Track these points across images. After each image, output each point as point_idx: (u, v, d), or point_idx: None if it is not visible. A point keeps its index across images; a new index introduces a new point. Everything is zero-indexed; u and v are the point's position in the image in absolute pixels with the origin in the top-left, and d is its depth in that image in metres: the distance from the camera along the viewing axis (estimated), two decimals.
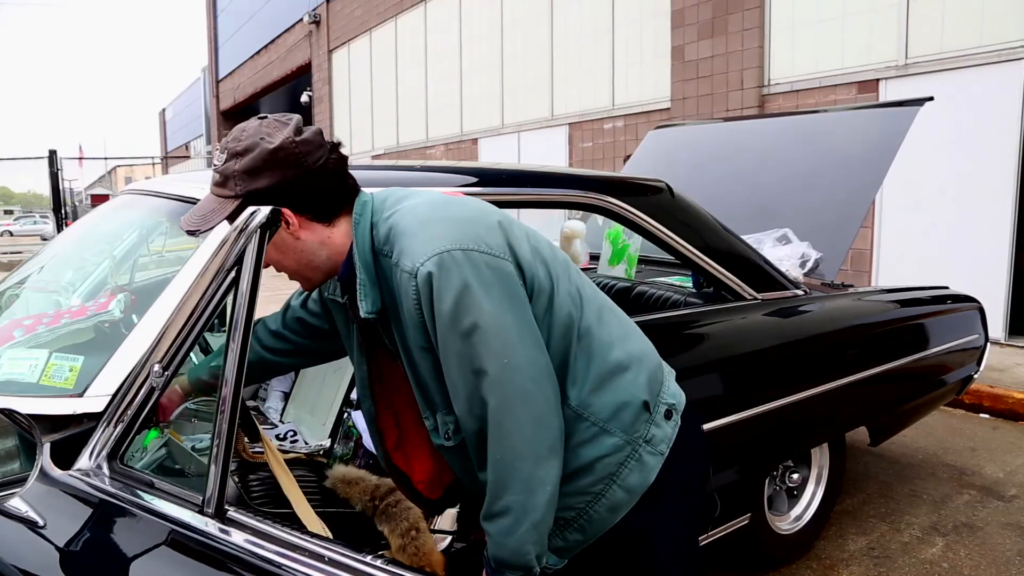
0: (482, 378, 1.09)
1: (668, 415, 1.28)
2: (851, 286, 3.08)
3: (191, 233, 1.17)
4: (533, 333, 1.13)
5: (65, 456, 1.31)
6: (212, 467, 1.23)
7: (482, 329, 1.08)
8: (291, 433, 2.49)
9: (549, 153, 10.26)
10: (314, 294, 1.49)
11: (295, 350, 1.56)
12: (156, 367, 1.36)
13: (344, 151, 1.21)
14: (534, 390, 1.11)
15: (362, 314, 1.18)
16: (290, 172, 1.13)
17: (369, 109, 15.94)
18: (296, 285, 1.36)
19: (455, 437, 1.21)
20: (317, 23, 17.29)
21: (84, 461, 1.31)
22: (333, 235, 1.20)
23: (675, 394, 1.33)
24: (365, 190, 1.25)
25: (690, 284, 2.81)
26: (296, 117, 1.18)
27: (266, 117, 1.18)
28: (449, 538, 1.89)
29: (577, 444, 1.19)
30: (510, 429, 1.10)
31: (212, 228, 1.16)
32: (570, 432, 1.19)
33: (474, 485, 1.26)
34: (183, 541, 1.18)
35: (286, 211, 1.15)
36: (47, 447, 1.30)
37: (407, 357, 1.20)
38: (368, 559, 1.16)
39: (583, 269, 3.39)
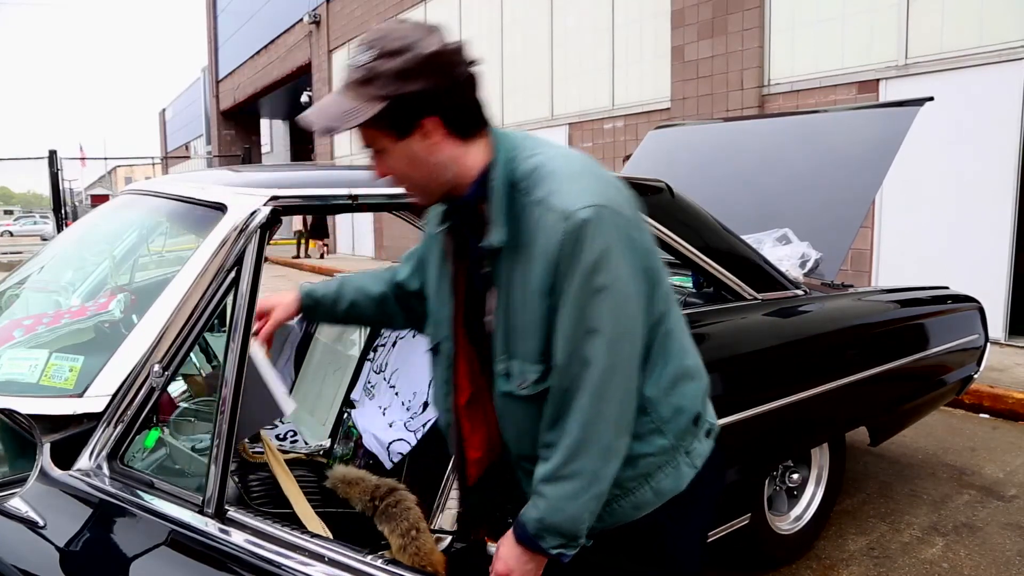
0: (593, 337, 1.08)
1: (708, 433, 1.32)
2: (851, 286, 3.08)
3: (327, 132, 1.09)
4: (645, 312, 1.15)
5: (65, 456, 1.31)
6: (212, 467, 1.23)
7: (611, 291, 1.08)
8: (291, 433, 2.49)
9: None
10: (408, 266, 1.46)
11: (384, 309, 1.50)
12: (156, 367, 1.37)
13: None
14: (634, 365, 1.13)
15: (490, 242, 1.14)
16: (442, 80, 1.08)
17: None
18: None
19: (531, 387, 1.16)
20: (317, 23, 17.29)
21: (84, 461, 1.31)
22: (466, 155, 1.15)
23: (714, 416, 1.36)
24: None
25: (690, 284, 2.81)
26: (440, 26, 1.13)
27: (407, 21, 1.11)
28: (449, 538, 1.89)
29: (632, 436, 1.19)
30: (607, 395, 1.10)
31: (350, 129, 1.08)
32: None
33: (521, 446, 1.23)
34: (183, 541, 1.18)
35: (429, 121, 1.09)
36: (47, 447, 1.30)
37: (509, 297, 1.16)
38: (368, 559, 1.16)
39: None
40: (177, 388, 2.24)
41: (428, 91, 1.06)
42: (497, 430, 1.29)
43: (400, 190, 1.21)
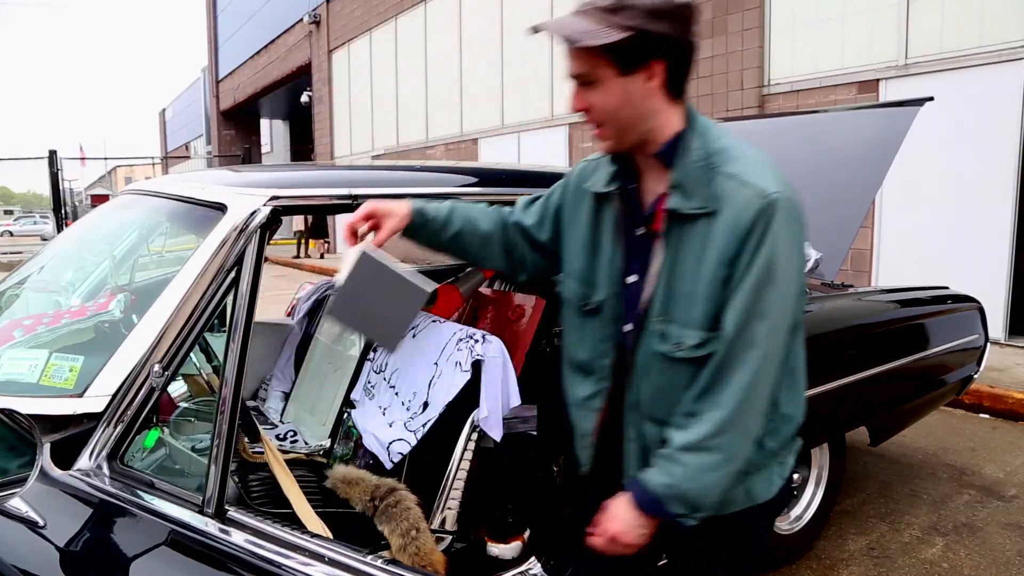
0: (761, 321, 1.12)
1: (796, 450, 1.33)
2: (851, 286, 3.08)
3: (567, 42, 1.10)
4: (795, 312, 1.19)
5: (65, 456, 1.31)
6: (212, 467, 1.23)
7: (782, 281, 1.12)
8: (291, 433, 2.49)
9: (549, 153, 10.25)
10: (535, 214, 1.43)
11: (486, 248, 1.46)
12: (156, 367, 1.37)
13: None
14: (781, 360, 1.16)
15: (678, 206, 1.15)
16: (681, 32, 1.12)
17: (369, 109, 15.94)
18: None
19: (688, 351, 1.17)
20: (317, 23, 17.29)
21: (84, 461, 1.31)
22: (667, 113, 1.18)
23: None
24: None
25: None
26: None
27: None
28: (449, 538, 1.89)
29: None
30: (762, 380, 1.13)
31: (586, 46, 1.09)
32: None
33: (655, 405, 1.23)
34: (183, 541, 1.18)
35: (658, 65, 1.12)
36: (47, 447, 1.30)
37: (675, 261, 1.17)
38: (368, 559, 1.16)
39: None
40: (177, 388, 2.25)
41: (668, 36, 1.10)
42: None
43: (401, 190, 1.21)
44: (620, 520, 1.18)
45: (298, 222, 17.16)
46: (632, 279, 1.24)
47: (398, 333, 1.31)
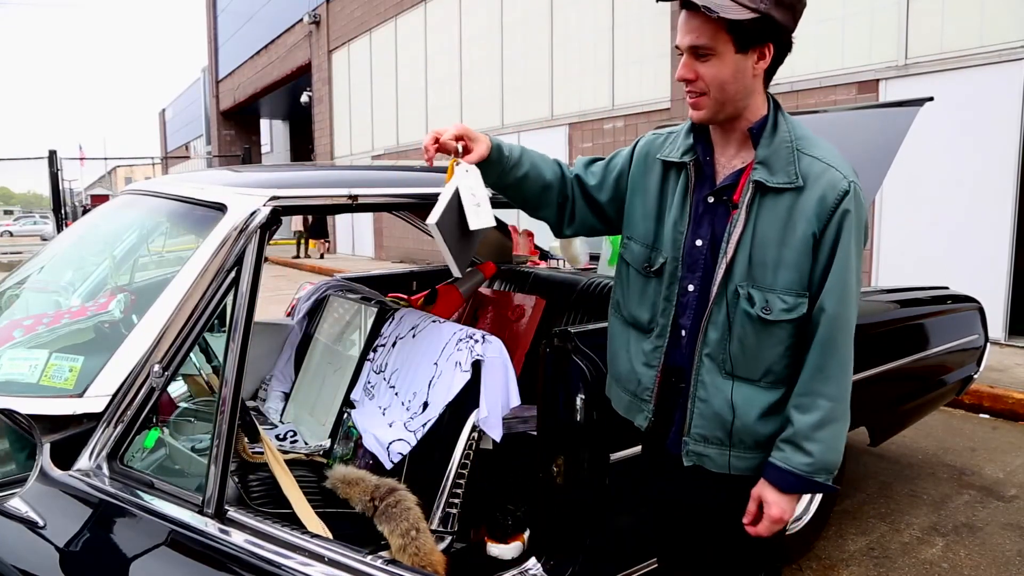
0: (851, 295, 1.26)
1: None
2: None
3: (707, 11, 1.17)
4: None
5: (65, 456, 1.31)
6: (212, 467, 1.23)
7: (858, 259, 1.27)
8: (291, 433, 2.49)
9: (549, 153, 10.19)
10: (597, 175, 1.52)
11: (544, 195, 1.52)
12: (156, 367, 1.37)
13: None
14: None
15: (766, 179, 1.26)
16: (792, 23, 1.26)
17: (369, 109, 15.94)
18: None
19: (778, 314, 1.28)
20: (317, 23, 17.30)
21: (84, 461, 1.31)
22: (760, 94, 1.31)
23: None
24: None
25: None
26: None
27: None
28: (449, 538, 1.89)
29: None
30: (851, 348, 1.29)
31: (722, 17, 1.17)
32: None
33: (745, 363, 1.32)
34: (183, 541, 1.18)
35: (769, 48, 1.25)
36: (47, 447, 1.30)
37: (757, 230, 1.28)
38: (368, 559, 1.16)
39: (583, 269, 3.40)
40: (177, 388, 2.24)
41: (784, 24, 1.24)
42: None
43: (401, 190, 1.21)
44: (776, 505, 1.30)
45: (297, 222, 17.16)
46: (699, 243, 1.34)
47: (466, 258, 1.40)
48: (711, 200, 1.34)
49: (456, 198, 1.35)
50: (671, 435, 1.42)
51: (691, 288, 1.36)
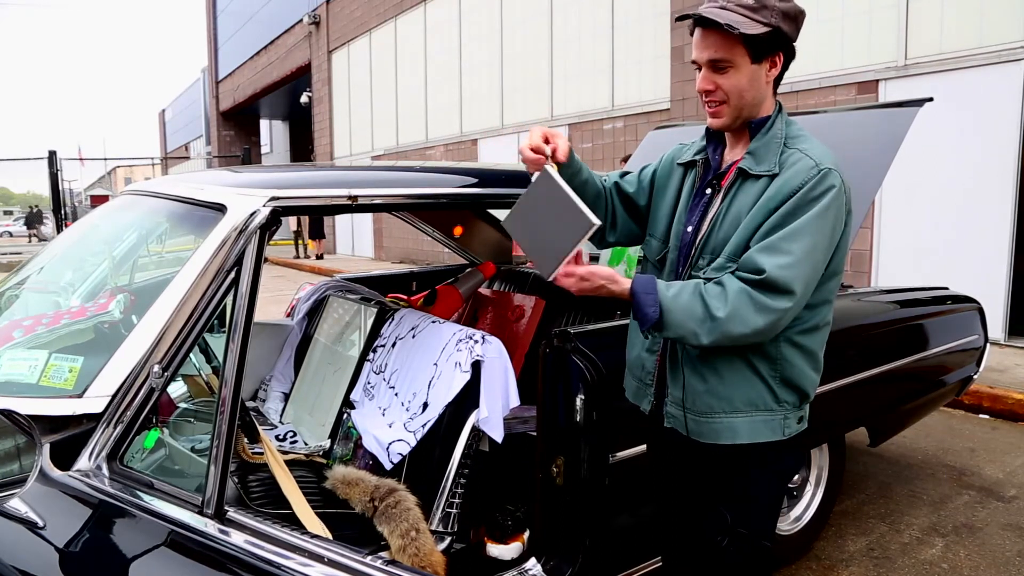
0: (786, 255, 1.30)
1: (802, 420, 1.49)
2: (851, 286, 3.08)
3: (726, 27, 1.29)
4: (824, 260, 1.36)
5: (65, 457, 1.31)
6: (212, 468, 1.23)
7: (820, 234, 1.32)
8: (291, 434, 2.49)
9: None
10: (633, 183, 1.65)
11: (595, 203, 1.61)
12: (156, 367, 1.37)
13: None
14: (800, 294, 1.32)
15: (752, 167, 1.38)
16: (796, 34, 1.39)
17: (369, 110, 15.94)
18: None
19: (708, 272, 1.39)
20: (317, 24, 17.30)
21: (84, 462, 1.31)
22: (769, 98, 1.43)
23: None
24: None
25: None
26: None
27: None
28: (449, 538, 1.89)
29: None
30: (761, 304, 1.31)
31: (736, 33, 1.30)
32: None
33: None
34: (183, 542, 1.18)
35: (779, 57, 1.39)
36: (47, 448, 1.30)
37: (727, 212, 1.39)
38: (368, 559, 1.16)
39: None
40: (177, 389, 2.24)
41: (790, 36, 1.38)
42: None
43: (402, 190, 1.21)
44: (599, 276, 1.35)
45: (293, 222, 17.15)
46: (689, 228, 1.46)
47: (557, 259, 1.35)
48: (708, 191, 1.47)
49: (535, 199, 1.38)
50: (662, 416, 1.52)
51: (680, 271, 1.48)
